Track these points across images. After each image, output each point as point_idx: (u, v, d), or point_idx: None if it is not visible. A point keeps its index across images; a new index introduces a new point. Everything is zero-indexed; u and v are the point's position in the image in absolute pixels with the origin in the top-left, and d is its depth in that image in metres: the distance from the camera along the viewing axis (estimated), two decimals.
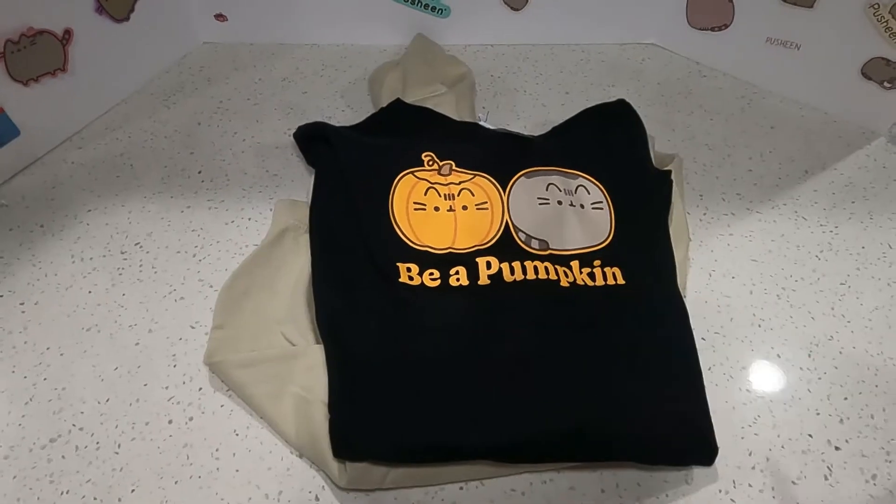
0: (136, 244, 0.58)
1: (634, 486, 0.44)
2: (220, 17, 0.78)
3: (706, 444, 0.45)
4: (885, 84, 0.68)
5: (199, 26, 0.78)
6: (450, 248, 0.52)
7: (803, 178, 0.66)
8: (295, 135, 0.63)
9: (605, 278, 0.52)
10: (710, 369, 0.51)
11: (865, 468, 0.46)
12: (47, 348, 0.51)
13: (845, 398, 0.49)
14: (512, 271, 0.51)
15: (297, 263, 0.54)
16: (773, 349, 0.52)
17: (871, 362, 0.51)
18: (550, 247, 0.53)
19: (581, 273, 0.52)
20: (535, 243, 0.53)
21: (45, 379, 0.49)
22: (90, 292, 0.54)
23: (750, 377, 0.51)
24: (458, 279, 0.50)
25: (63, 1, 0.62)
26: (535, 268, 0.51)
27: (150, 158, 0.66)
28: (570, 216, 0.55)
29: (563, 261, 0.53)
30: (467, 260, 0.51)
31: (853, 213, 0.63)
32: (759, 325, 0.54)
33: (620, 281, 0.52)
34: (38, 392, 0.48)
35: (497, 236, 0.53)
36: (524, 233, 0.54)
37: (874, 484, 0.45)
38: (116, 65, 0.70)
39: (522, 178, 0.58)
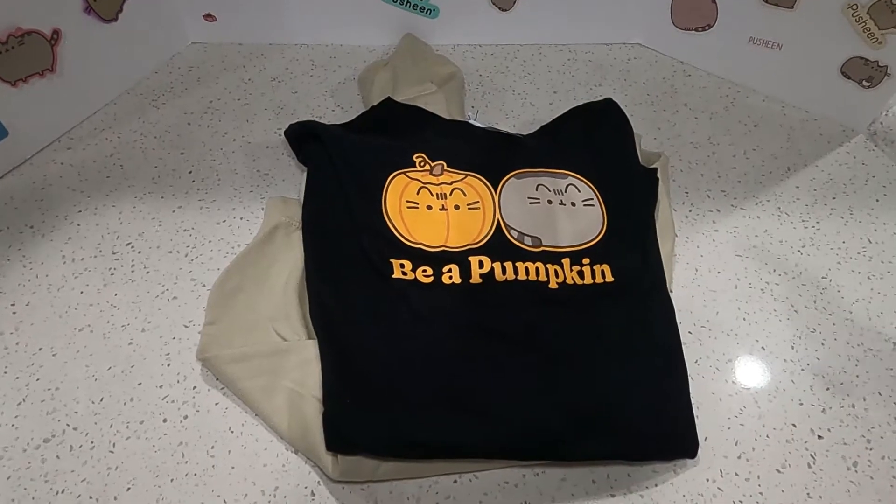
0: (128, 244, 0.58)
1: (625, 477, 0.45)
2: (209, 17, 0.78)
3: (689, 439, 0.46)
4: (864, 83, 0.70)
5: (188, 26, 0.78)
6: (443, 246, 0.53)
7: (786, 175, 0.68)
8: (286, 132, 0.63)
9: (593, 276, 0.53)
10: (696, 362, 0.52)
11: (847, 456, 0.47)
12: (39, 349, 0.51)
13: (827, 388, 0.51)
14: (504, 271, 0.52)
15: (289, 260, 0.55)
16: (758, 342, 0.54)
17: (851, 353, 0.53)
18: (543, 243, 0.54)
19: (571, 271, 0.53)
20: (528, 240, 0.54)
21: (37, 379, 0.49)
22: (82, 293, 0.54)
23: (735, 369, 0.52)
24: (450, 277, 0.51)
25: (51, 1, 0.61)
26: (527, 268, 0.52)
27: (140, 159, 0.66)
28: (561, 213, 0.56)
29: (555, 258, 0.53)
30: (460, 259, 0.52)
31: (834, 208, 0.64)
32: (744, 319, 0.55)
33: (609, 279, 0.53)
34: (31, 392, 0.48)
35: (489, 236, 0.54)
36: (516, 230, 0.54)
37: (856, 471, 0.46)
38: (105, 65, 0.69)
39: (513, 178, 0.58)
